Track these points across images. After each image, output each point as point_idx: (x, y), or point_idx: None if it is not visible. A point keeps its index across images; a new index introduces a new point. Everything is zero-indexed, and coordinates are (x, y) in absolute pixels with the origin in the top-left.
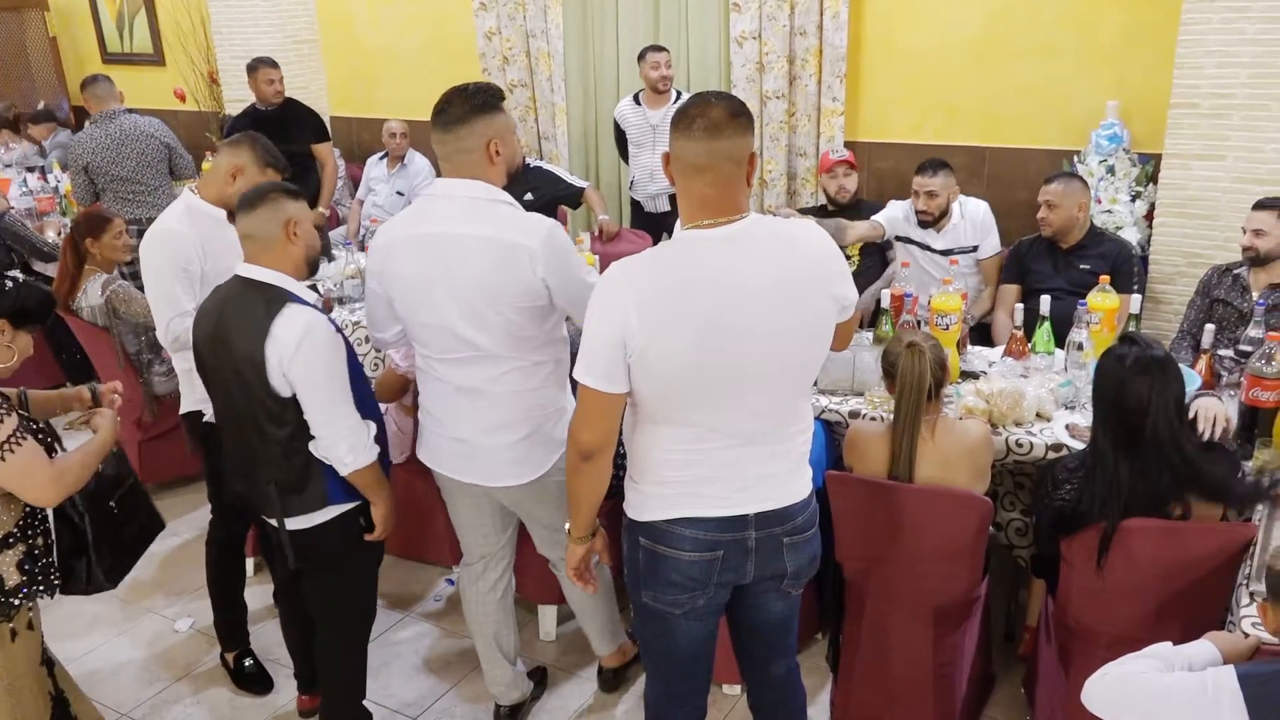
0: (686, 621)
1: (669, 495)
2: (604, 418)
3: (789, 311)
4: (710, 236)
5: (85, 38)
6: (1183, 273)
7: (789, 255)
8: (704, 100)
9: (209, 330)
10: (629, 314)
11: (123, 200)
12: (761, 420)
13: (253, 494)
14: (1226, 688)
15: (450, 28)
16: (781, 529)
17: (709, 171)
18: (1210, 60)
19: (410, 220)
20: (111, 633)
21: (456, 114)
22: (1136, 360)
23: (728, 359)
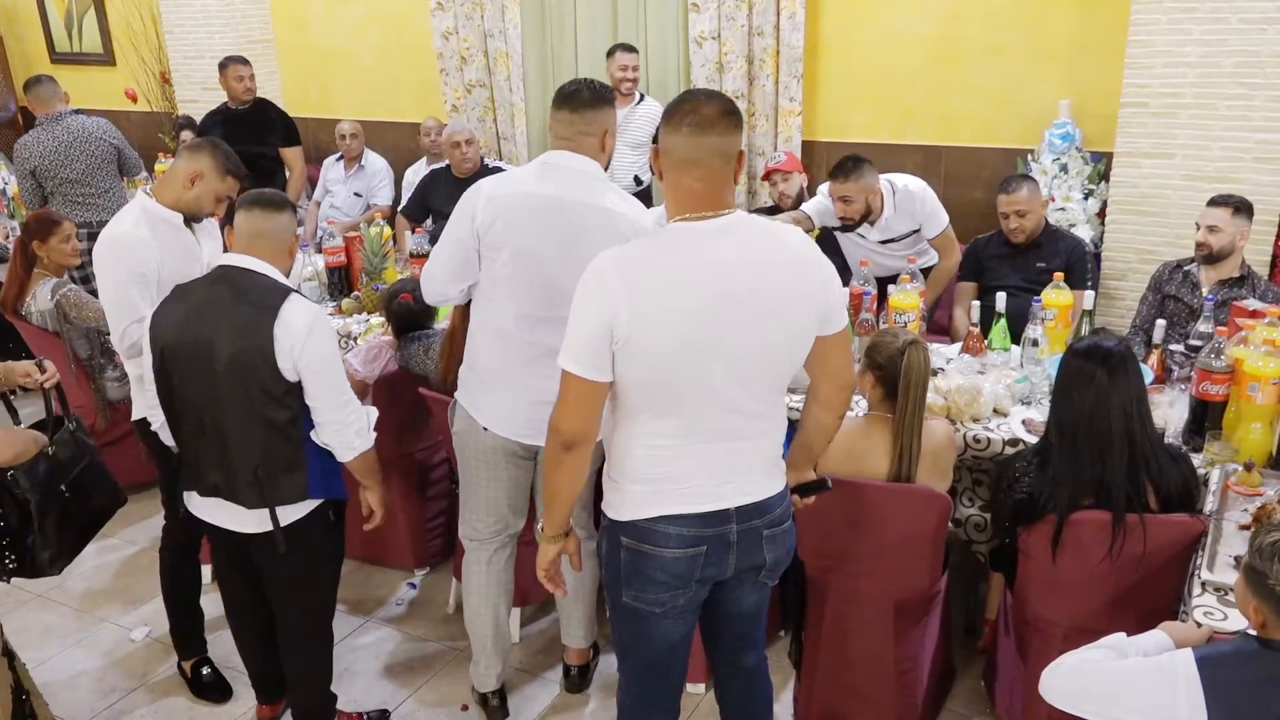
0: (666, 621)
1: (650, 493)
2: (587, 407)
3: (773, 307)
4: (699, 229)
5: (33, 37)
6: (1135, 269)
7: (776, 253)
8: (696, 97)
9: (186, 326)
10: (618, 301)
11: (72, 203)
12: (741, 414)
13: (229, 485)
14: (1182, 670)
15: (407, 28)
16: (762, 521)
17: (699, 166)
18: (1159, 60)
19: (536, 182)
20: (66, 642)
21: (588, 98)
22: (1092, 353)
23: (712, 350)
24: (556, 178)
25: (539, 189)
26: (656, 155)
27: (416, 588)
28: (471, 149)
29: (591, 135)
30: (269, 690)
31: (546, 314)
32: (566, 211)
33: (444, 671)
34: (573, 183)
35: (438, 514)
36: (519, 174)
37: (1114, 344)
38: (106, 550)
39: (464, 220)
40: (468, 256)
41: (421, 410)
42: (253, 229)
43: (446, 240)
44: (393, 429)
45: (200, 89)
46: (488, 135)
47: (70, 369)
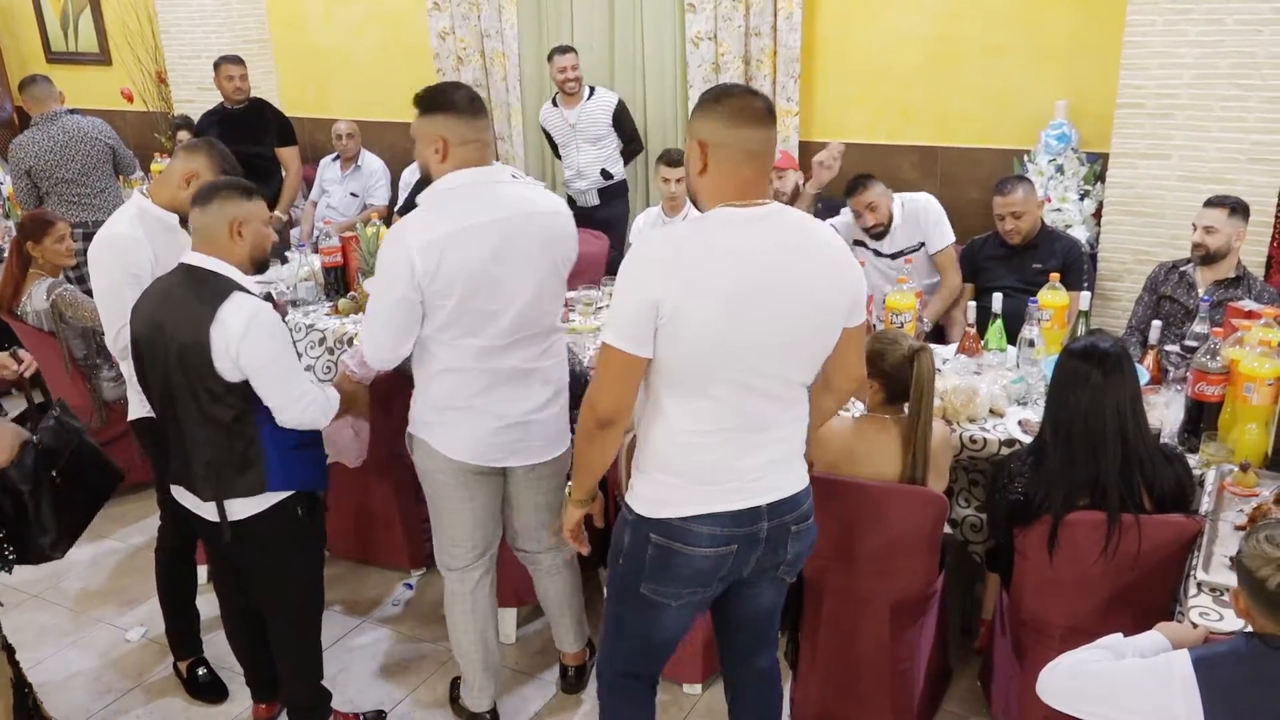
0: (679, 612)
1: (684, 489)
2: (626, 383)
3: (807, 295)
4: (743, 215)
5: (28, 36)
6: (1130, 270)
7: (812, 244)
8: (744, 92)
9: (149, 314)
10: (665, 278)
11: (68, 203)
12: (774, 401)
13: (187, 476)
14: (1179, 671)
15: (404, 28)
16: (792, 516)
17: (762, 158)
18: (1155, 61)
19: (461, 212)
20: (62, 643)
21: (480, 105)
22: (1097, 355)
23: (750, 331)
24: (480, 198)
25: (469, 220)
26: (704, 149)
27: (413, 588)
28: None
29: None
30: (264, 689)
31: (513, 337)
32: (511, 230)
33: (440, 672)
34: (497, 197)
35: None
36: (441, 211)
37: (1110, 344)
38: (102, 550)
39: (400, 276)
40: (412, 312)
41: None
42: (192, 225)
43: (385, 303)
44: (387, 431)
45: (196, 89)
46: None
47: (66, 369)
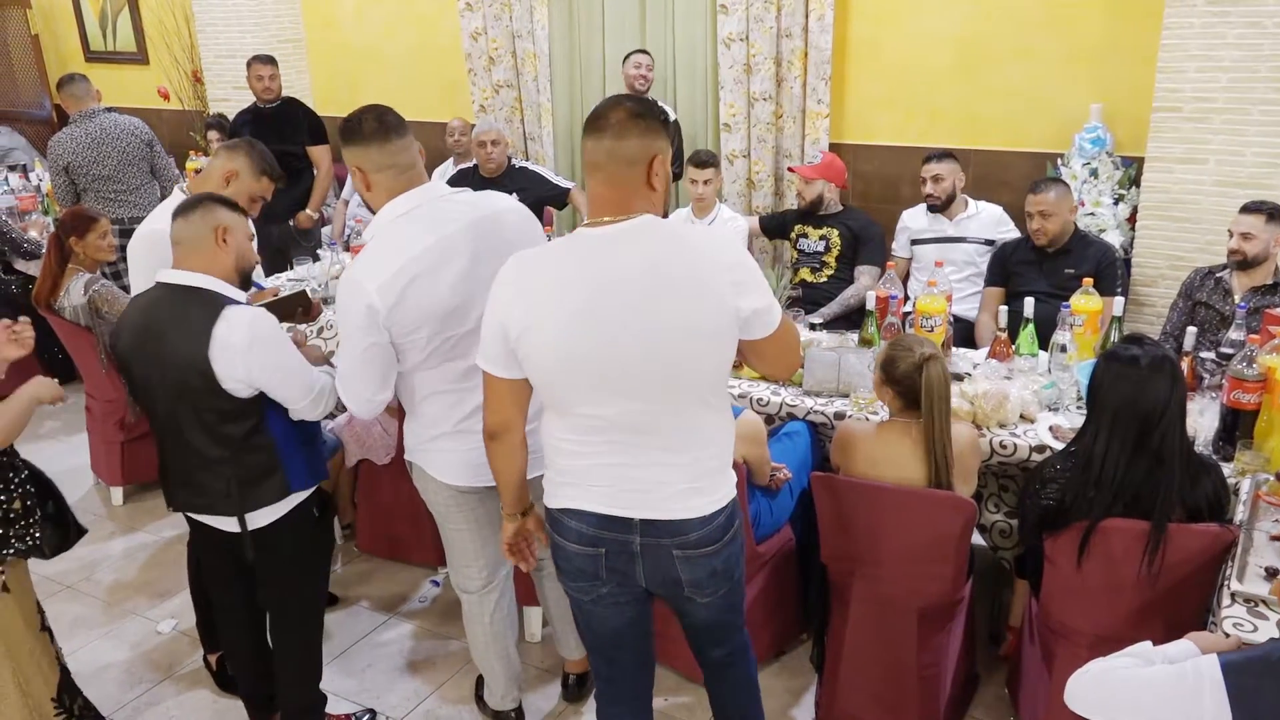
0: (597, 608)
1: (561, 483)
2: (500, 400)
3: (667, 311)
4: (594, 234)
5: (68, 36)
6: (1165, 275)
7: (673, 257)
8: (611, 101)
9: (134, 342)
10: (511, 303)
11: (104, 200)
12: (646, 423)
13: (202, 499)
14: (1208, 675)
15: (436, 28)
16: (671, 541)
17: (600, 170)
18: (1192, 64)
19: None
20: (94, 634)
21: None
22: (1154, 360)
23: (597, 352)
24: (421, 222)
25: (415, 249)
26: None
27: (440, 585)
28: (497, 149)
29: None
30: (262, 706)
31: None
32: (459, 246)
33: (466, 669)
34: (437, 216)
35: None
36: (385, 246)
37: (1161, 350)
38: (134, 544)
39: (362, 323)
40: (385, 356)
41: None
42: (172, 239)
43: (353, 352)
44: None
45: (231, 87)
46: (515, 135)
47: (102, 363)
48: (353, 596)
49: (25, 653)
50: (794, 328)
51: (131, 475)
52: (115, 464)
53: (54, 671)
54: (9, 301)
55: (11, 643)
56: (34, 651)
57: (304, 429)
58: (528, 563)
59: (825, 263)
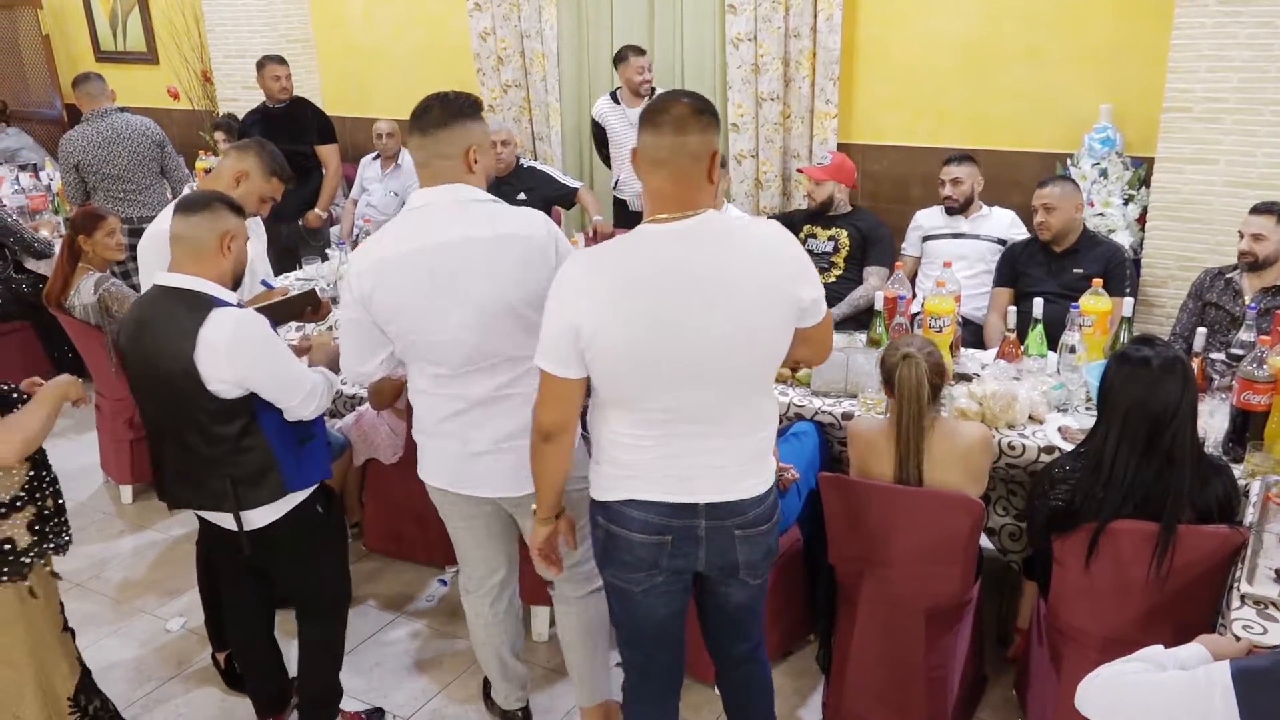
0: (647, 599)
1: (622, 476)
2: (561, 401)
3: (737, 306)
4: (663, 230)
5: (78, 35)
6: (1175, 276)
7: (741, 251)
8: (670, 96)
9: (131, 343)
10: (581, 303)
11: (114, 199)
12: (711, 412)
13: (201, 496)
14: (1219, 682)
15: (445, 28)
16: (733, 521)
17: (666, 166)
18: (1202, 64)
19: (398, 237)
20: (103, 632)
21: (437, 116)
22: (1164, 361)
23: (670, 350)
24: (422, 223)
25: (410, 244)
26: (635, 156)
27: (447, 584)
28: (507, 150)
29: (450, 158)
30: (272, 703)
31: (460, 370)
32: (451, 257)
33: (474, 669)
34: (441, 221)
35: None
36: (383, 235)
37: (1173, 350)
38: (143, 542)
39: (349, 298)
40: (369, 332)
41: None
42: (172, 236)
43: (342, 320)
44: None
45: (240, 87)
46: (523, 135)
47: (111, 362)
48: (360, 596)
49: (48, 654)
50: (830, 315)
51: (141, 473)
52: (124, 462)
53: (73, 673)
54: (20, 300)
55: (36, 644)
56: (56, 652)
57: (300, 429)
58: (558, 567)
59: (834, 263)
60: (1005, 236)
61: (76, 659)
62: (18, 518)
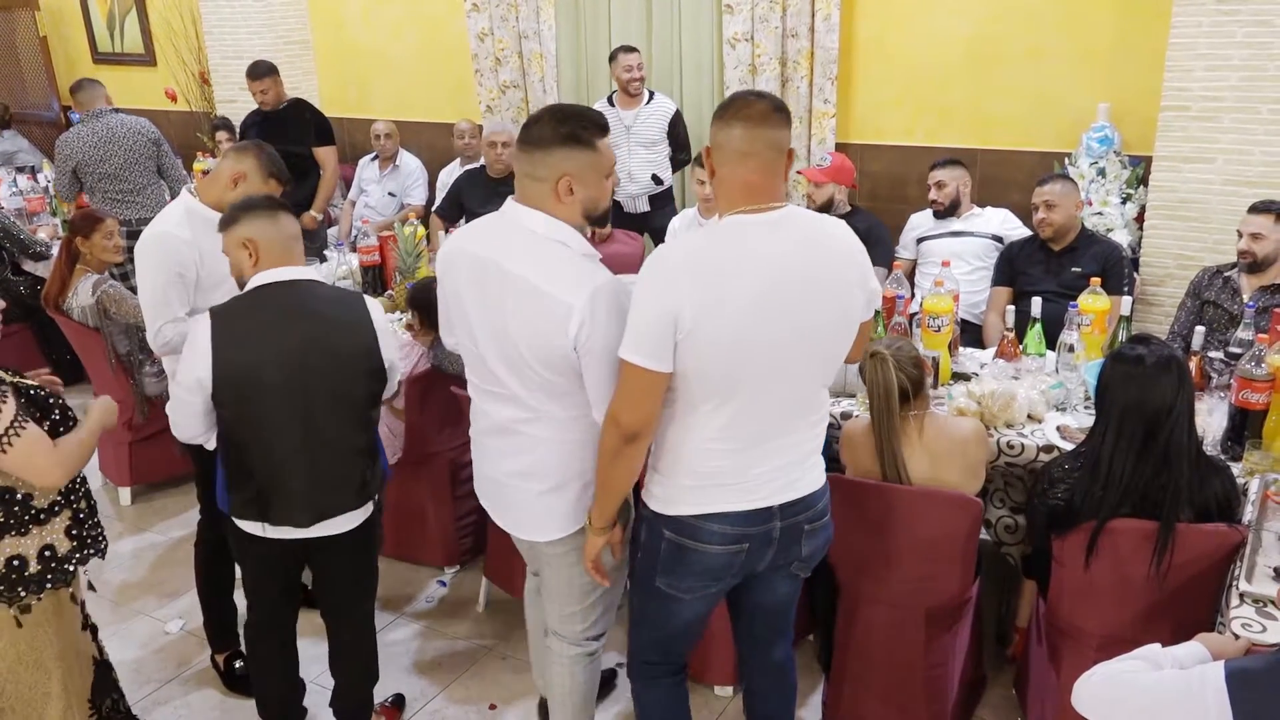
0: (694, 604)
1: (699, 489)
2: (648, 397)
3: (825, 298)
4: (756, 220)
5: (76, 37)
6: (1173, 275)
7: (827, 244)
8: (747, 95)
9: (285, 348)
10: (683, 291)
11: (111, 200)
12: (788, 408)
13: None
14: (1212, 683)
15: (443, 29)
16: (804, 516)
17: (754, 158)
18: (1200, 64)
19: (474, 235)
20: (103, 634)
21: (535, 136)
22: (1159, 360)
23: (769, 339)
24: (503, 233)
25: (475, 247)
26: (709, 154)
27: (446, 585)
28: (508, 151)
29: (541, 181)
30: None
31: (482, 385)
32: (491, 279)
33: (473, 670)
34: (506, 243)
35: (468, 513)
36: (475, 225)
37: (1169, 349)
38: (143, 543)
39: (437, 268)
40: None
41: (453, 409)
42: (287, 234)
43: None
44: (424, 428)
45: (238, 89)
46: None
47: (110, 364)
48: None
49: (73, 656)
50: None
51: (140, 475)
52: (124, 464)
53: (90, 671)
54: (18, 302)
55: (65, 648)
56: (80, 653)
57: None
58: (605, 577)
59: None
60: (999, 232)
61: (93, 657)
62: (56, 523)
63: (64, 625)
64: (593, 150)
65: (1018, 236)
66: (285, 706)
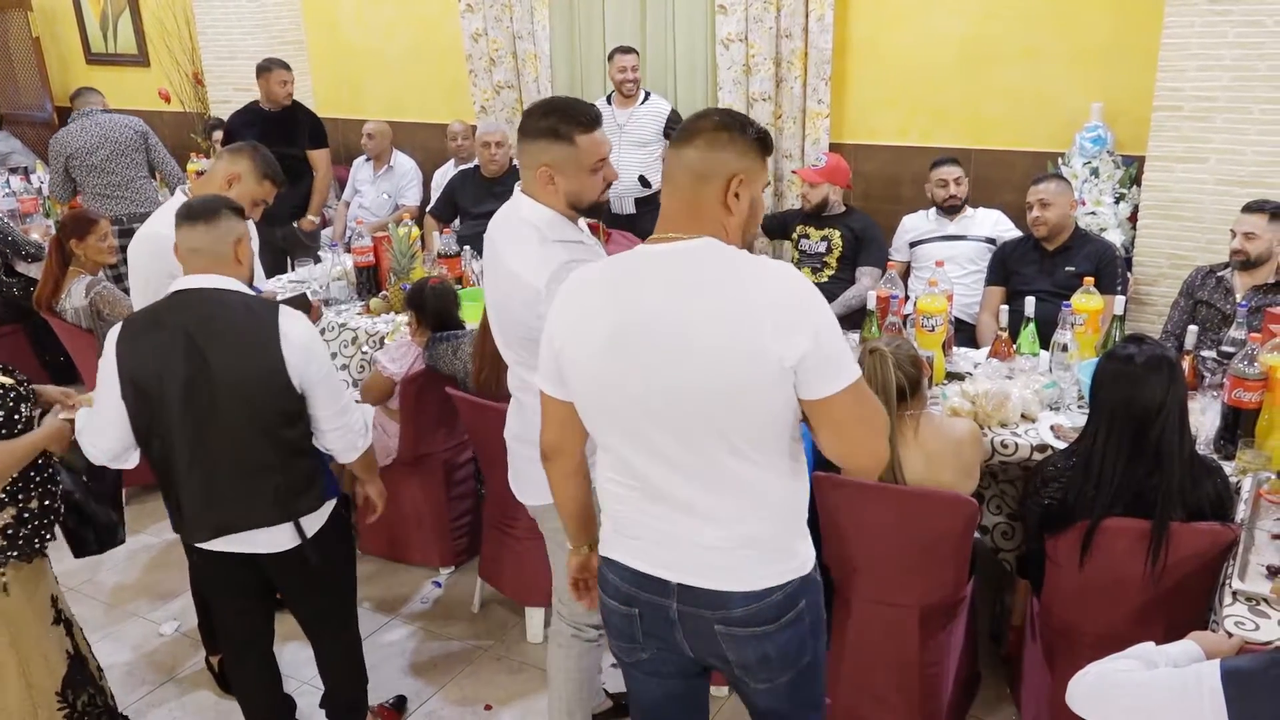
0: (637, 673)
1: (607, 528)
2: (552, 420)
3: (692, 351)
4: (649, 251)
5: (69, 38)
6: (1166, 274)
7: (726, 289)
8: (705, 111)
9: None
10: (558, 314)
11: (101, 197)
12: (681, 474)
13: (249, 512)
14: (1208, 682)
15: (437, 29)
16: (712, 614)
17: (670, 180)
18: (1192, 63)
19: (493, 220)
20: (96, 636)
21: (527, 126)
22: (1150, 359)
23: (629, 382)
24: (502, 215)
25: (491, 230)
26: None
27: (441, 586)
28: (501, 151)
29: (527, 168)
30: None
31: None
32: (494, 261)
33: (468, 670)
34: (506, 228)
35: (463, 513)
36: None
37: (1161, 349)
38: (137, 545)
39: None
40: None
41: (448, 410)
42: (186, 247)
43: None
44: (419, 428)
45: (232, 89)
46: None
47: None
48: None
49: (32, 646)
50: (874, 399)
51: (133, 477)
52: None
53: (61, 665)
54: (11, 304)
55: (17, 635)
56: (42, 645)
57: None
58: (591, 601)
59: (826, 263)
60: (992, 235)
61: (66, 652)
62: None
63: (13, 618)
64: (570, 145)
65: (1011, 237)
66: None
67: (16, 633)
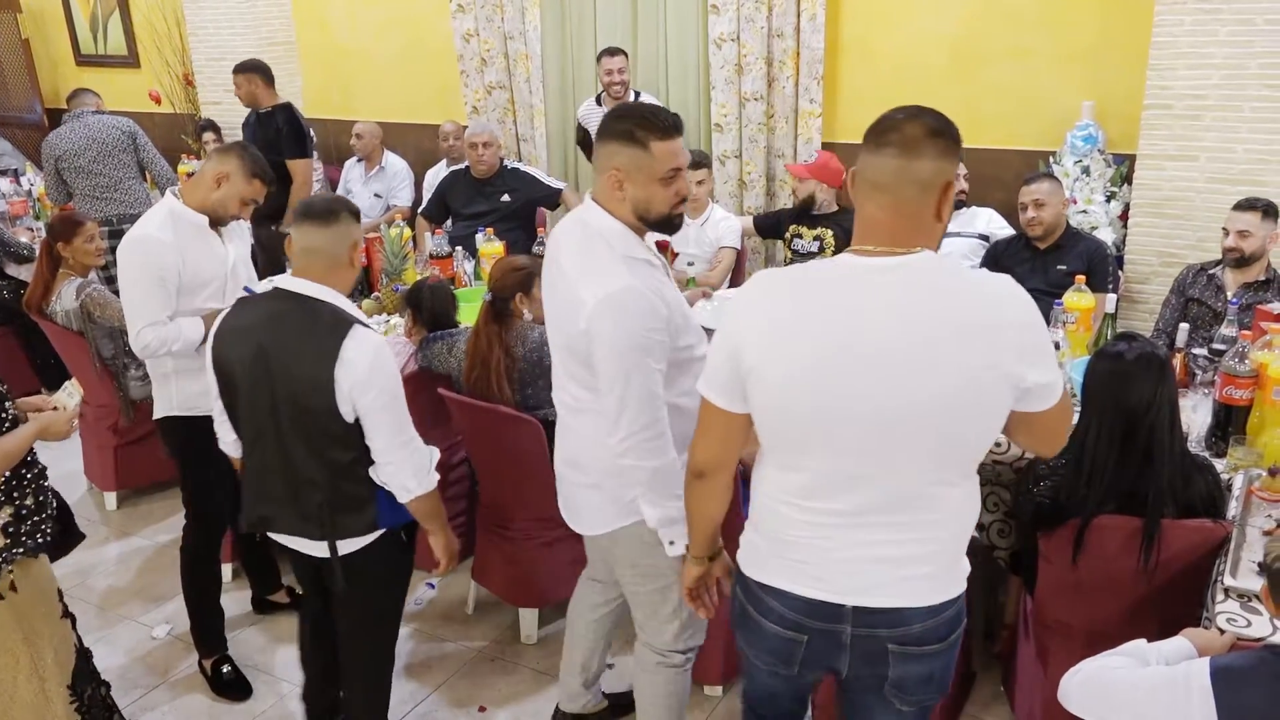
0: (767, 679)
1: (764, 550)
2: (718, 436)
3: (927, 373)
4: (866, 264)
5: (59, 39)
6: (1157, 272)
7: (948, 309)
8: (900, 114)
9: (248, 350)
10: (751, 327)
11: (90, 198)
12: (877, 492)
13: (286, 516)
14: (1197, 680)
15: (428, 30)
16: (889, 633)
17: (887, 193)
18: (1183, 62)
19: (563, 221)
20: (88, 639)
21: (600, 128)
22: (1139, 357)
23: (842, 402)
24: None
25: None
26: (854, 178)
27: (435, 588)
28: (489, 151)
29: (599, 172)
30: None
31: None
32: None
33: (462, 672)
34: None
35: (457, 514)
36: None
37: (1151, 347)
38: (129, 548)
39: None
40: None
41: (442, 410)
42: (300, 245)
43: None
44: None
45: (222, 91)
46: (507, 137)
47: (94, 368)
48: None
49: (44, 640)
50: (1069, 400)
51: (125, 480)
52: (109, 469)
53: (70, 659)
54: (1, 307)
55: (29, 630)
56: (53, 639)
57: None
58: (709, 610)
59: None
60: (985, 231)
61: (74, 645)
62: None
63: (23, 614)
64: (643, 150)
65: (1003, 234)
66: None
67: (29, 628)
